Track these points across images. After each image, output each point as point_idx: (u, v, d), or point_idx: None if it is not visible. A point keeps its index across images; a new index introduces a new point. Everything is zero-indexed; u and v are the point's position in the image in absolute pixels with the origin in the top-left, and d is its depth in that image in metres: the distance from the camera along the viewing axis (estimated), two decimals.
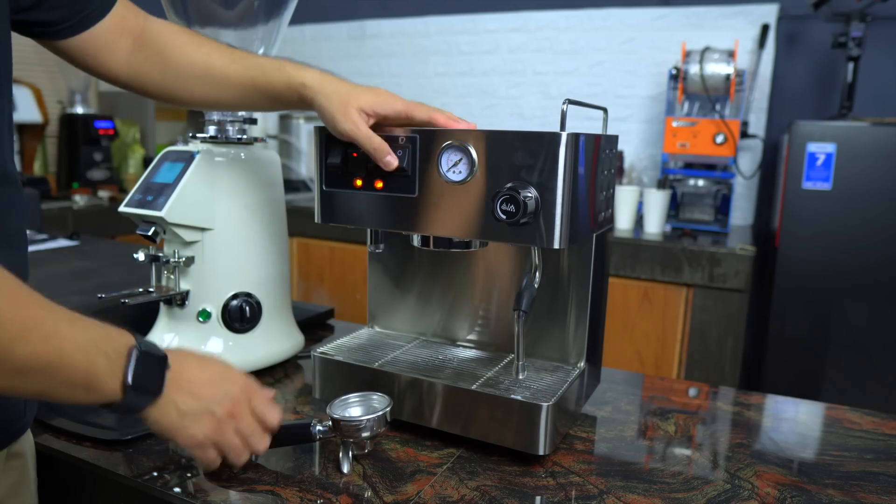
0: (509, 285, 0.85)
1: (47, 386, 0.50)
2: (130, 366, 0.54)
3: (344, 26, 3.09)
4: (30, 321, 0.47)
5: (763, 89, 2.37)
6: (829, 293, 1.91)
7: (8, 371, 0.47)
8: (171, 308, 0.91)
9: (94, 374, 0.52)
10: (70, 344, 0.49)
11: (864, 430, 0.84)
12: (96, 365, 0.52)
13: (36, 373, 0.48)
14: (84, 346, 0.51)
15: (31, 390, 0.50)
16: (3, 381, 0.47)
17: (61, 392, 0.51)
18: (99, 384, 0.52)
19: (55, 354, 0.48)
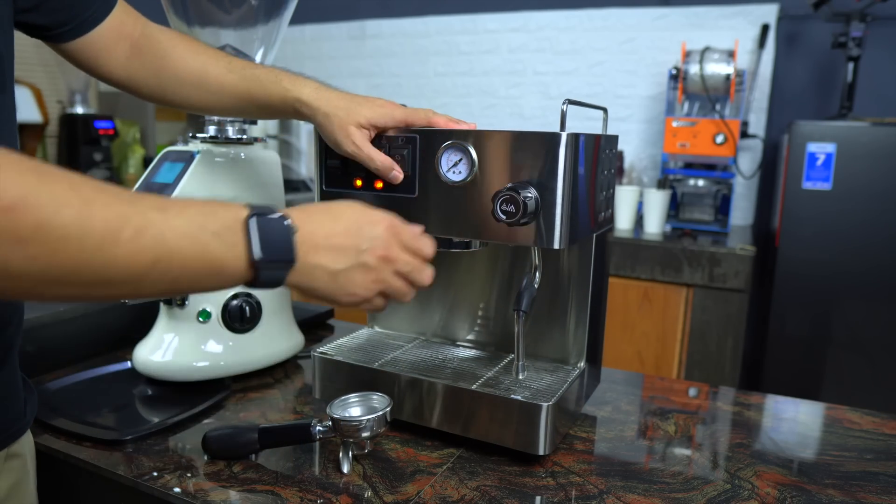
0: (509, 285, 0.85)
1: (171, 283, 0.46)
2: (253, 241, 0.48)
3: (344, 26, 3.09)
4: (114, 221, 0.42)
5: (763, 89, 2.37)
6: (829, 293, 1.91)
7: (117, 279, 0.43)
8: (171, 308, 0.91)
9: (212, 259, 0.47)
10: (171, 233, 0.45)
11: (864, 430, 0.84)
12: (210, 249, 0.47)
13: (149, 273, 0.44)
14: (188, 231, 0.46)
15: (157, 290, 0.46)
16: (123, 288, 0.44)
17: (188, 284, 0.47)
18: (222, 267, 0.48)
19: (159, 249, 0.44)
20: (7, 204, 0.38)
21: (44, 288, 0.42)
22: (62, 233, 0.40)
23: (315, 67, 3.14)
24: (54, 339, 0.97)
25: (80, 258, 0.41)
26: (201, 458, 0.72)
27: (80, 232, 0.41)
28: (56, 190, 0.41)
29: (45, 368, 0.95)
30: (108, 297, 0.46)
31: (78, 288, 0.43)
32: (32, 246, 0.39)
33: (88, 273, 0.42)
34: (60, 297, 0.44)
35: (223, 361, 0.90)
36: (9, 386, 0.63)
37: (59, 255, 0.40)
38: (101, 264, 0.42)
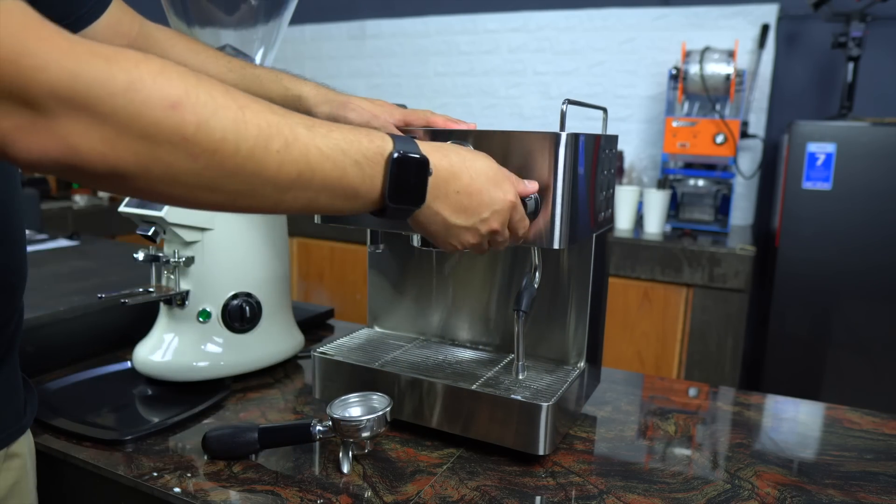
0: (509, 285, 0.85)
1: (309, 199, 0.48)
2: (389, 178, 0.51)
3: (344, 26, 3.09)
4: (266, 129, 0.44)
5: (763, 89, 2.37)
6: (829, 293, 1.91)
7: (263, 189, 0.45)
8: (171, 308, 0.91)
9: (348, 184, 0.49)
10: (315, 151, 0.47)
11: (864, 430, 0.84)
12: (347, 173, 0.49)
13: (292, 186, 0.46)
14: (330, 154, 0.48)
15: (297, 205, 0.48)
16: (266, 200, 0.46)
17: (326, 203, 0.49)
18: (356, 194, 0.50)
19: (303, 164, 0.46)
20: (172, 101, 0.40)
21: (199, 192, 0.44)
22: (221, 134, 0.42)
23: (315, 67, 3.14)
24: (54, 339, 0.97)
25: (234, 162, 0.43)
26: (201, 458, 0.72)
27: (237, 135, 0.42)
28: (214, 93, 0.42)
29: (45, 368, 0.95)
30: (251, 207, 0.47)
31: (226, 194, 0.45)
32: (194, 145, 0.41)
33: (239, 179, 0.44)
34: (210, 203, 0.45)
35: (223, 361, 0.90)
36: (8, 386, 0.63)
37: (217, 156, 0.42)
38: (252, 171, 0.44)
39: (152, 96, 0.39)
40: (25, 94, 0.36)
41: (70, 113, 0.37)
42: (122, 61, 0.39)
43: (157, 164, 0.41)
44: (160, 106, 0.40)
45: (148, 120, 0.39)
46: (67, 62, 0.37)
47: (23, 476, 0.65)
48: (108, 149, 0.39)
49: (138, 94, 0.39)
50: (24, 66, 0.36)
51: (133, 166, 0.40)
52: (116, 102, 0.38)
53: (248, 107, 0.44)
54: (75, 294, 1.06)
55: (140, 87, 0.39)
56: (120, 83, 0.38)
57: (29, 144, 0.38)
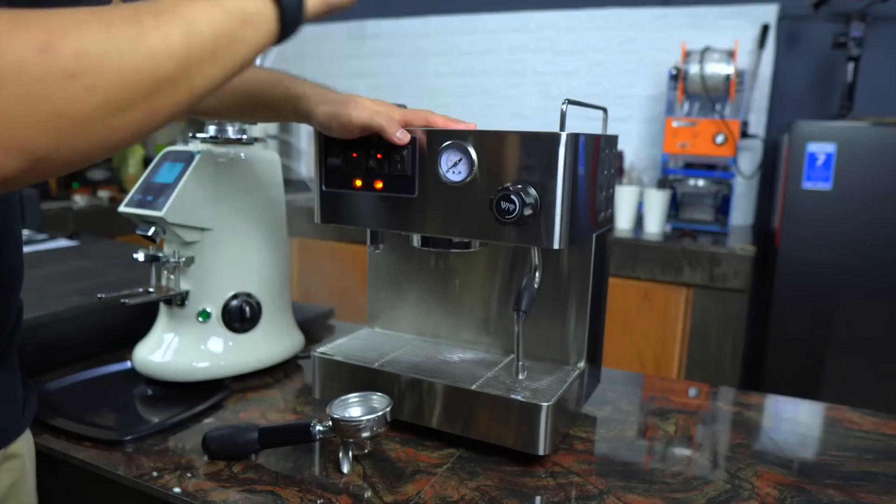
0: (509, 285, 0.85)
1: (213, 55, 0.45)
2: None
3: (344, 26, 3.09)
4: (129, 17, 0.41)
5: (763, 89, 2.37)
6: (829, 293, 1.91)
7: (167, 74, 0.42)
8: (171, 308, 0.91)
9: (229, 6, 0.47)
10: (185, 4, 0.45)
11: (864, 430, 0.84)
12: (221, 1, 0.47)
13: (188, 51, 0.43)
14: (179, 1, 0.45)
15: (210, 73, 0.46)
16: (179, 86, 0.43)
17: (230, 50, 0.47)
18: (245, 12, 0.47)
19: (182, 22, 0.43)
20: (41, 43, 0.37)
21: (115, 119, 0.40)
22: (98, 48, 0.39)
23: (315, 67, 3.14)
24: (54, 339, 0.97)
25: (126, 68, 0.40)
26: (201, 458, 0.72)
27: (112, 39, 0.40)
28: (70, 16, 0.40)
29: (45, 368, 0.95)
30: (171, 103, 0.44)
31: (142, 104, 0.42)
32: (83, 76, 0.38)
33: (142, 80, 0.41)
34: (134, 125, 0.42)
35: (223, 361, 0.90)
36: (6, 386, 0.62)
37: (108, 74, 0.39)
38: (146, 63, 0.41)
39: (18, 50, 0.36)
40: None
41: None
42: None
43: (60, 119, 0.38)
44: (30, 57, 0.36)
45: (27, 78, 0.36)
46: None
47: (22, 477, 0.65)
48: (5, 137, 0.36)
49: (3, 56, 0.35)
50: None
51: (39, 138, 0.37)
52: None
53: (101, 11, 0.41)
54: (75, 294, 1.06)
55: (1, 47, 0.35)
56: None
57: None
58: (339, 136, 0.74)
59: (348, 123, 0.71)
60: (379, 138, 0.73)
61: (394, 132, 0.71)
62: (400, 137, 0.71)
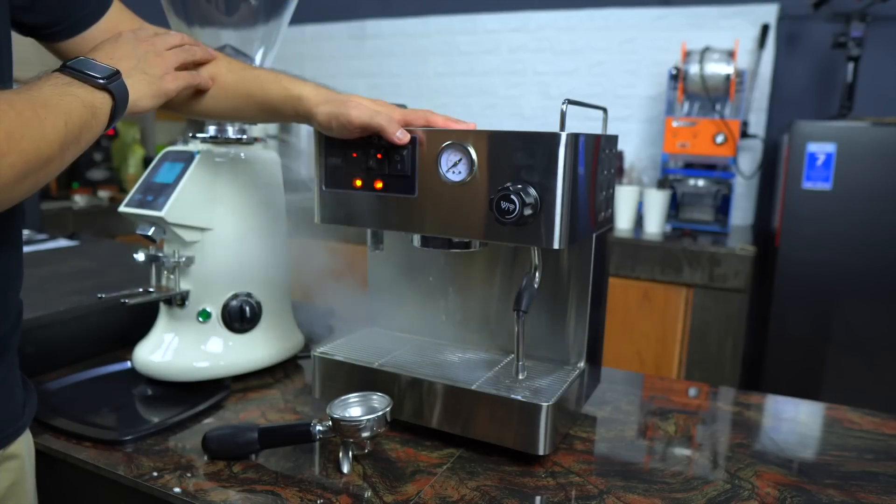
0: (509, 285, 0.85)
1: (77, 141, 0.56)
2: (79, 75, 0.58)
3: (344, 26, 3.08)
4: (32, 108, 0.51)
5: (763, 89, 2.37)
6: (829, 293, 1.91)
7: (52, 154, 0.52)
8: (171, 308, 0.91)
9: (84, 100, 0.57)
10: (55, 99, 0.55)
11: (864, 430, 0.84)
12: (77, 95, 0.57)
13: (67, 139, 0.54)
14: (57, 93, 0.56)
15: (72, 154, 0.56)
16: (56, 164, 0.54)
17: (87, 133, 0.57)
18: (93, 104, 0.58)
19: (59, 114, 0.53)
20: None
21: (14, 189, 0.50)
22: (20, 133, 0.49)
23: (315, 67, 3.14)
24: (54, 339, 0.97)
25: (33, 149, 0.50)
26: (201, 458, 0.72)
27: (24, 127, 0.50)
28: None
29: (45, 368, 0.95)
30: (48, 177, 0.54)
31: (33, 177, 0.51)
32: (9, 155, 0.48)
33: (41, 159, 0.51)
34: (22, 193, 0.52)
35: (223, 361, 0.90)
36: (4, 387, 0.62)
37: (25, 153, 0.49)
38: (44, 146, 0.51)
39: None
40: None
41: None
42: None
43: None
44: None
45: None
46: None
47: (21, 477, 0.65)
48: None
49: None
50: None
51: None
52: None
53: (12, 100, 0.50)
54: (75, 294, 1.06)
55: None
56: None
57: None
58: (339, 136, 0.74)
59: (348, 123, 0.71)
60: (379, 138, 0.73)
61: (394, 132, 0.71)
62: (400, 137, 0.71)
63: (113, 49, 0.67)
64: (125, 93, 0.62)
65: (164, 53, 0.71)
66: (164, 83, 0.69)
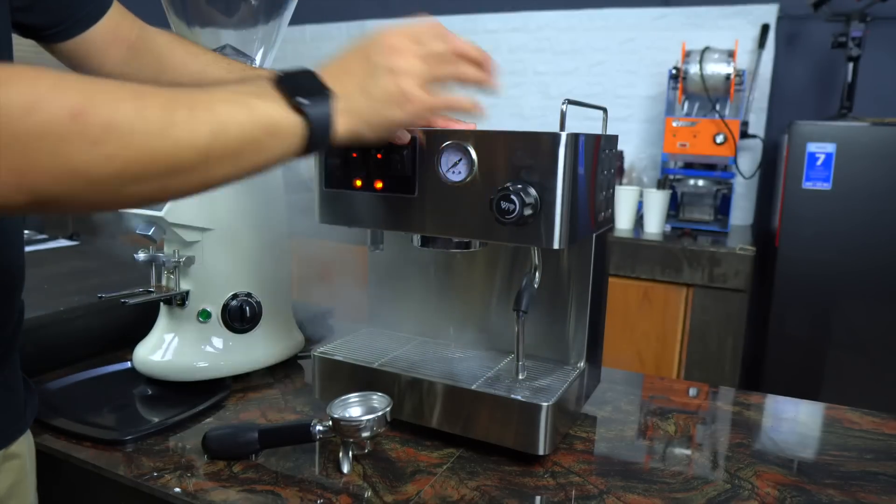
0: (509, 285, 0.85)
1: (234, 156, 0.48)
2: (287, 89, 0.52)
3: (344, 26, 3.08)
4: (167, 105, 0.45)
5: (763, 89, 2.37)
6: (829, 293, 1.91)
7: (186, 162, 0.45)
8: (171, 308, 0.91)
9: (262, 116, 0.49)
10: (219, 104, 0.47)
11: (864, 430, 0.84)
12: (256, 108, 0.49)
13: (211, 148, 0.46)
14: (232, 98, 0.49)
15: (226, 170, 0.49)
16: (194, 173, 0.46)
17: (252, 155, 0.49)
18: (273, 122, 0.50)
19: (213, 120, 0.46)
20: (74, 110, 0.40)
21: (127, 188, 0.44)
22: (127, 126, 0.42)
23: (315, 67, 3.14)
24: (54, 339, 0.97)
25: (148, 147, 0.43)
26: (201, 458, 0.72)
27: (142, 121, 0.43)
28: (108, 89, 0.43)
29: (45, 368, 0.95)
30: (184, 186, 0.47)
31: (155, 181, 0.45)
32: (106, 145, 0.41)
33: (160, 162, 0.44)
34: (143, 195, 0.46)
35: (223, 361, 0.90)
36: (7, 387, 0.62)
37: (131, 148, 0.42)
38: (169, 149, 0.44)
39: (53, 112, 0.39)
40: None
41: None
42: (16, 83, 0.39)
43: (76, 177, 0.41)
44: (62, 120, 0.39)
45: (54, 137, 0.39)
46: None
47: (22, 477, 0.65)
48: (18, 177, 0.39)
49: (39, 113, 0.38)
50: None
51: (52, 186, 0.40)
52: (17, 127, 0.38)
53: (143, 92, 0.44)
54: (75, 294, 1.06)
55: (39, 106, 0.38)
56: (17, 106, 0.38)
57: None
58: None
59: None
60: None
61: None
62: (400, 136, 0.71)
63: (346, 60, 0.59)
64: (326, 121, 0.53)
65: (439, 54, 0.61)
66: (391, 112, 0.58)
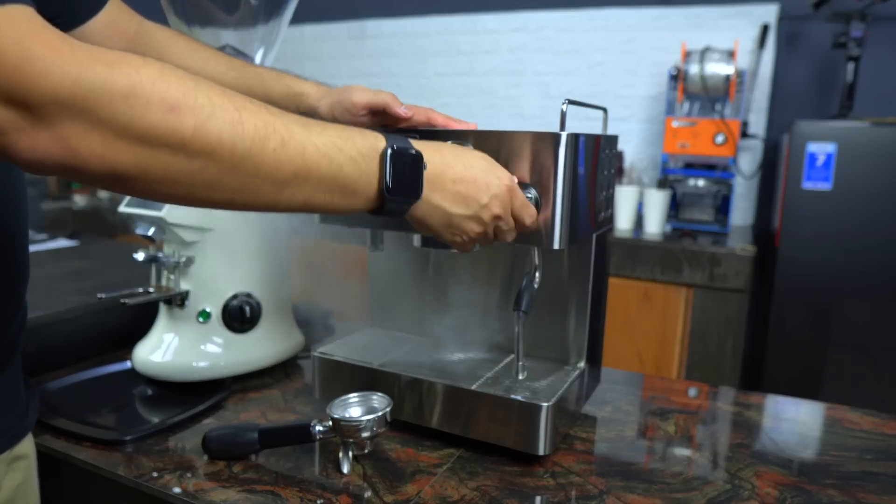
0: (509, 285, 0.85)
1: (306, 197, 0.49)
2: (386, 172, 0.52)
3: (344, 26, 3.08)
4: (262, 130, 0.45)
5: (763, 89, 2.37)
6: (829, 293, 1.91)
7: (261, 188, 0.46)
8: (171, 308, 0.91)
9: (345, 181, 0.50)
10: (311, 149, 0.48)
11: (864, 430, 0.84)
12: (344, 171, 0.50)
13: (288, 184, 0.47)
14: (326, 151, 0.49)
15: (294, 203, 0.49)
16: (263, 197, 0.47)
17: (322, 202, 0.50)
18: (353, 191, 0.51)
19: (299, 163, 0.47)
20: (171, 105, 0.41)
21: (198, 191, 0.45)
22: (217, 136, 0.43)
23: (315, 67, 3.14)
24: (54, 339, 0.97)
25: (231, 162, 0.44)
26: (201, 458, 0.72)
27: (233, 136, 0.44)
28: (212, 95, 0.43)
29: (45, 368, 0.95)
30: (250, 205, 0.48)
31: (225, 193, 0.46)
32: (191, 146, 0.42)
33: (236, 178, 0.45)
34: (209, 201, 0.47)
35: (223, 361, 0.90)
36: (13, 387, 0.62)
37: (214, 158, 0.43)
38: (249, 170, 0.45)
39: (152, 101, 0.40)
40: (28, 98, 0.37)
41: (71, 117, 0.38)
42: (124, 66, 0.40)
43: (156, 166, 0.42)
44: (159, 110, 0.41)
45: (147, 123, 0.40)
46: (70, 68, 0.38)
47: (28, 477, 0.65)
48: (107, 151, 0.40)
49: (138, 98, 0.40)
50: (27, 72, 0.37)
51: (132, 168, 0.42)
52: (117, 107, 0.39)
53: (244, 108, 0.45)
54: (75, 294, 1.06)
55: (140, 91, 0.40)
56: (120, 88, 0.39)
57: (31, 146, 0.39)
58: (345, 122, 0.74)
59: (352, 106, 0.73)
60: None
61: (399, 106, 0.72)
62: (405, 112, 0.71)
63: (462, 180, 0.58)
64: (400, 211, 0.55)
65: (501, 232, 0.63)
66: (448, 238, 0.61)
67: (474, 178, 0.59)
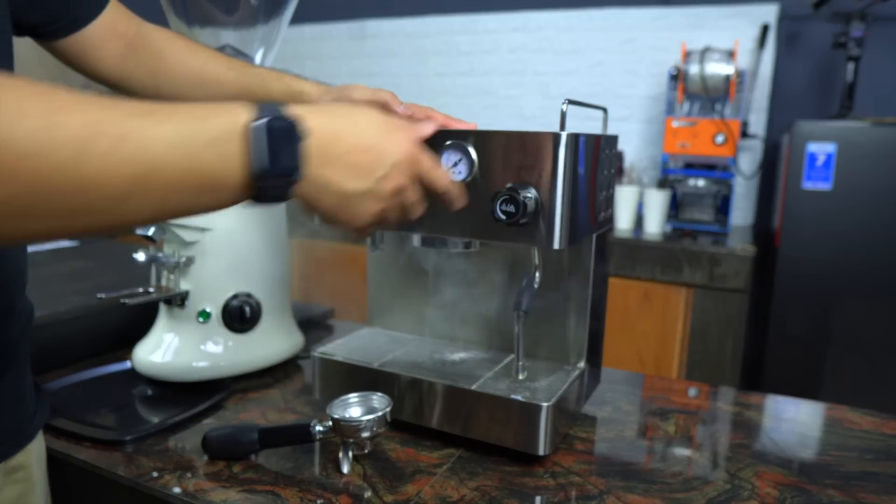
0: (509, 285, 0.85)
1: (157, 205, 0.40)
2: (253, 151, 0.42)
3: (344, 26, 3.08)
4: (85, 130, 0.36)
5: (763, 89, 2.37)
6: (829, 293, 1.91)
7: (94, 204, 0.37)
8: (171, 308, 0.91)
9: (204, 173, 0.41)
10: (156, 143, 0.38)
11: (864, 430, 0.84)
12: (202, 161, 0.40)
13: (131, 194, 0.38)
14: (175, 140, 0.39)
15: (143, 216, 0.40)
16: (101, 216, 0.38)
17: (178, 205, 0.41)
18: (216, 183, 0.42)
19: (141, 163, 0.37)
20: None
21: (15, 222, 0.36)
22: (24, 148, 0.34)
23: (315, 67, 3.14)
24: (54, 339, 0.97)
25: (49, 179, 0.35)
26: (201, 458, 0.72)
27: (46, 146, 0.34)
28: (15, 98, 0.34)
29: (45, 368, 0.95)
30: (88, 228, 0.39)
31: (52, 220, 0.37)
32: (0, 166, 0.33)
33: (60, 198, 0.36)
34: (35, 233, 0.38)
35: (223, 361, 0.90)
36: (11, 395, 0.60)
37: (25, 176, 0.34)
38: (74, 185, 0.36)
39: None
40: None
41: None
42: None
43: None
44: None
45: None
46: None
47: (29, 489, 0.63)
48: None
49: None
50: None
51: None
52: None
53: (62, 108, 0.36)
54: (75, 294, 1.06)
55: None
56: None
57: None
58: None
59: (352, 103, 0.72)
60: None
61: (398, 105, 0.72)
62: (404, 111, 0.71)
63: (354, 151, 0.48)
64: (279, 198, 0.45)
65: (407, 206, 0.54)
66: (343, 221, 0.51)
67: (370, 146, 0.50)
